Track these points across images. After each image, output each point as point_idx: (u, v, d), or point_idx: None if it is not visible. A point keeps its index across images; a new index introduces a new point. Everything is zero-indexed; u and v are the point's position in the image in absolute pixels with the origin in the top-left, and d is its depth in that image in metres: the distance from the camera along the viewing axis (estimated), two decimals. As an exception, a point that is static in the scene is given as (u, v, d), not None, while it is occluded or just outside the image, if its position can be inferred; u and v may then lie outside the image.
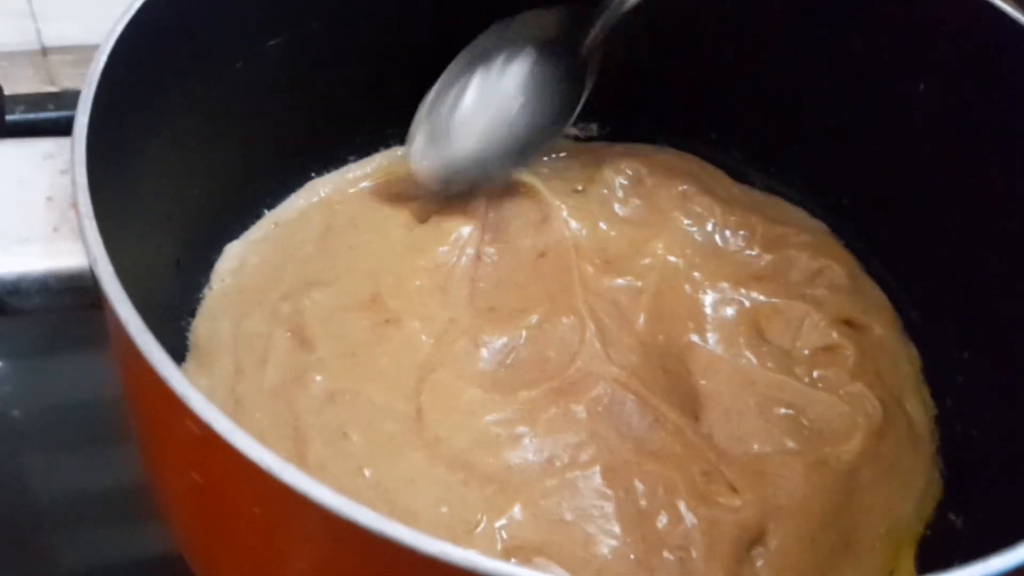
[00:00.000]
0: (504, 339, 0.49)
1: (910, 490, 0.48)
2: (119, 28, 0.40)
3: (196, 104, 0.48)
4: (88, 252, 0.33)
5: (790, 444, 0.48)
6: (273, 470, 0.28)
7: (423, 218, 0.55)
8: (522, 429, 0.46)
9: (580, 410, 0.46)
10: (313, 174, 0.58)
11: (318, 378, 0.47)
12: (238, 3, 0.48)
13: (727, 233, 0.56)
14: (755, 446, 0.48)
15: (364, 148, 0.60)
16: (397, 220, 0.55)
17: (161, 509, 0.41)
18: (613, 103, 0.60)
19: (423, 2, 0.55)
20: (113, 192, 0.39)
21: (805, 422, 0.49)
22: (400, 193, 0.56)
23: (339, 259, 0.53)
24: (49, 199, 0.37)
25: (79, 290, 0.36)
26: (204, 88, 0.48)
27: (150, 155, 0.45)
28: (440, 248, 0.53)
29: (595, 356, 0.48)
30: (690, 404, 0.48)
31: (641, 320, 0.51)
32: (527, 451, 0.45)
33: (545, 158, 0.60)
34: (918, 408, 0.51)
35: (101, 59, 0.39)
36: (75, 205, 0.34)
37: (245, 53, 0.50)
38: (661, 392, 0.48)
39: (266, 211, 0.56)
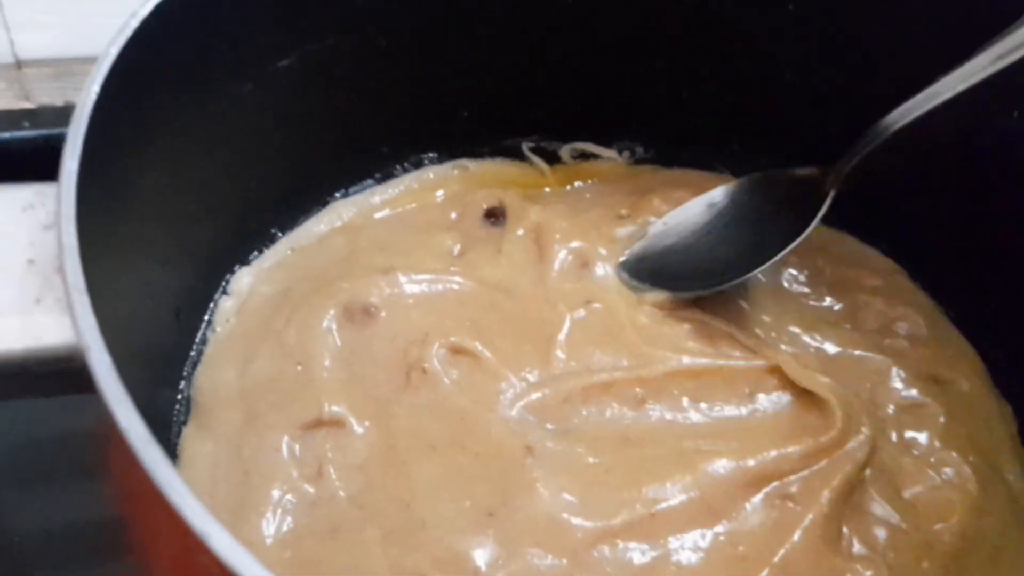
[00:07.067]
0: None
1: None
2: (113, 51, 0.34)
3: (200, 133, 0.43)
4: (79, 337, 0.26)
5: (896, 520, 0.43)
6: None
7: (457, 251, 0.50)
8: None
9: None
10: (328, 198, 0.53)
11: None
12: (247, 21, 0.42)
13: (790, 272, 0.51)
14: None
15: (388, 170, 0.54)
16: (430, 250, 0.49)
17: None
18: (660, 123, 0.54)
19: (450, 11, 0.49)
20: (107, 245, 0.34)
21: (906, 496, 0.43)
22: (434, 222, 0.51)
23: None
24: (30, 262, 0.30)
25: (66, 374, 0.30)
26: (209, 115, 0.43)
27: (147, 196, 0.39)
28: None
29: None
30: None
31: None
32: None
33: (588, 182, 0.55)
34: (1019, 476, 0.45)
35: (93, 89, 0.33)
36: (62, 273, 0.28)
37: (254, 75, 0.45)
38: None
39: (280, 235, 0.51)
